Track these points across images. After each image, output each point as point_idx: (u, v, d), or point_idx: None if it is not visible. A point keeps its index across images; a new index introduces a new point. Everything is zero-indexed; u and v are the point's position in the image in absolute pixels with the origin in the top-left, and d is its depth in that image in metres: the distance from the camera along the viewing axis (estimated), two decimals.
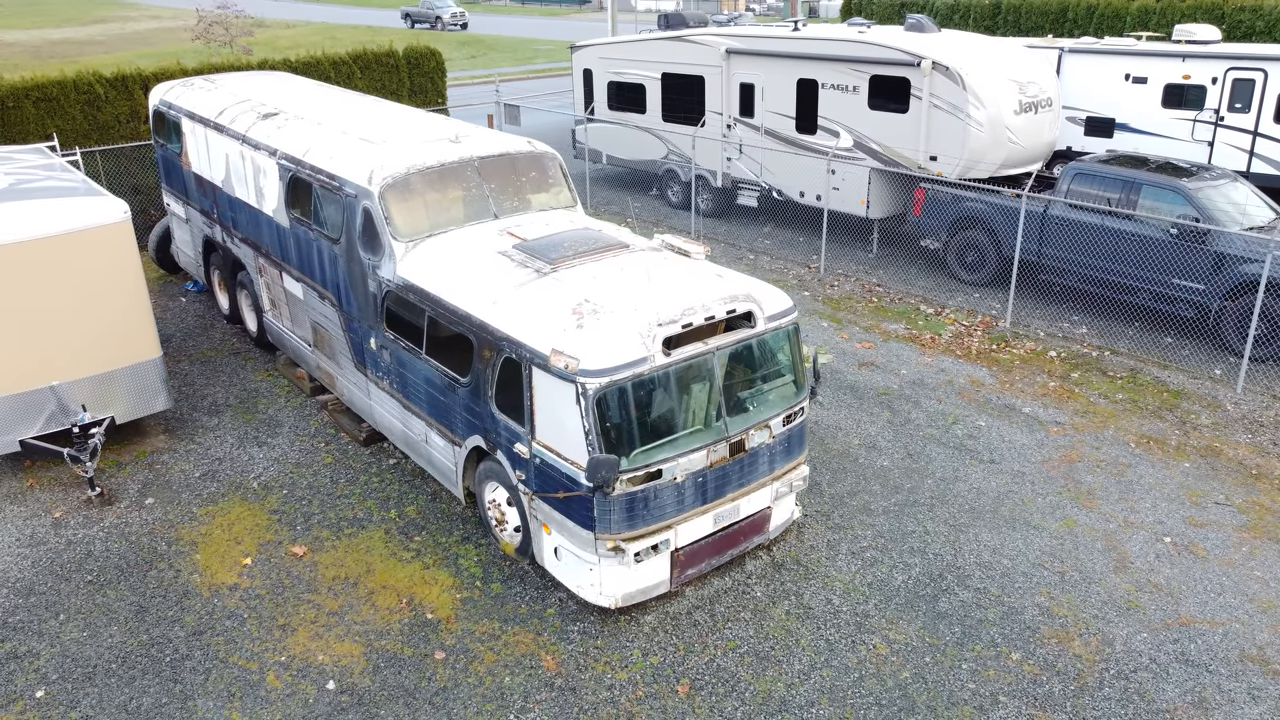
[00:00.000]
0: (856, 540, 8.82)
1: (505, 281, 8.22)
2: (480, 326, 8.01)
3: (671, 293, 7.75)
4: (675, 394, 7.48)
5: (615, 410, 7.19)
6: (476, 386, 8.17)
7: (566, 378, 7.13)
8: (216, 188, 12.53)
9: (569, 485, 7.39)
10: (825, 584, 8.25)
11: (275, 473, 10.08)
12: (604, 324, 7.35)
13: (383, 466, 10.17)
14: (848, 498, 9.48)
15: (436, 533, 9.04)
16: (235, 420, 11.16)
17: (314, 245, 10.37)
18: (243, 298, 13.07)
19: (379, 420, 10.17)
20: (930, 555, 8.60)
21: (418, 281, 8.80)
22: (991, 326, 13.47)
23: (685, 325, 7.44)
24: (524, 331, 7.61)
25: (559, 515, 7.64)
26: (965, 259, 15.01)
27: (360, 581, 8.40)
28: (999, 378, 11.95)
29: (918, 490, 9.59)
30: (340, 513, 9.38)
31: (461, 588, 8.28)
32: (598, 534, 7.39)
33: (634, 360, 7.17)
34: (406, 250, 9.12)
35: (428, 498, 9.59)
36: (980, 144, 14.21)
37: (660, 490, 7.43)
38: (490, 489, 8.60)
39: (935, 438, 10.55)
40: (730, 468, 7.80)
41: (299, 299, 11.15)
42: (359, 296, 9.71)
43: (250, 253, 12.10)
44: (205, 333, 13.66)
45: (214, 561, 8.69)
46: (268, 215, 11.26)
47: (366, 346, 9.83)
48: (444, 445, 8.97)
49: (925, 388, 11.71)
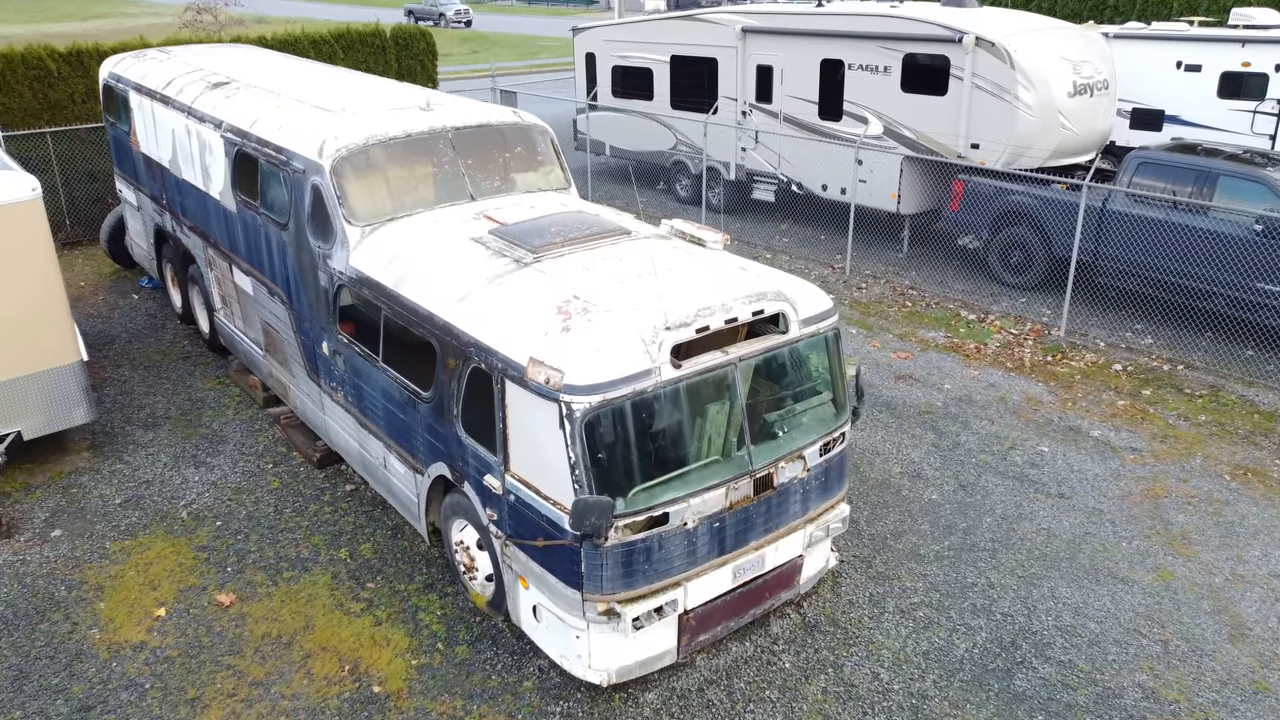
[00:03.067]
0: (905, 595, 7.22)
1: (477, 274, 6.65)
2: (444, 329, 6.44)
3: (683, 288, 6.17)
4: (686, 416, 5.89)
5: (610, 438, 5.60)
6: (440, 403, 6.60)
7: (548, 395, 5.55)
8: (164, 169, 10.98)
9: (550, 531, 5.81)
10: (870, 652, 6.65)
11: (210, 500, 8.51)
12: (597, 327, 5.78)
13: (337, 494, 8.60)
14: (891, 539, 7.88)
15: (394, 577, 7.46)
16: (173, 435, 9.60)
17: (262, 232, 8.81)
18: (195, 294, 11.51)
19: (335, 439, 8.60)
20: (998, 615, 6.99)
21: (373, 274, 7.23)
22: (1044, 335, 11.85)
23: (700, 329, 5.85)
24: (496, 336, 6.04)
25: (538, 567, 6.06)
26: (1009, 259, 13.39)
27: (295, 641, 6.82)
28: (1059, 394, 10.33)
29: (975, 531, 7.98)
30: (281, 551, 7.80)
31: (419, 650, 6.70)
32: (586, 594, 5.81)
33: (634, 373, 5.59)
34: (362, 236, 7.55)
35: (387, 533, 8.02)
36: (1029, 129, 12.60)
37: (666, 539, 5.84)
38: (458, 527, 7.02)
39: (991, 465, 8.94)
40: (755, 509, 6.21)
41: (249, 295, 9.59)
42: (310, 292, 8.15)
43: (199, 242, 10.55)
44: (154, 334, 12.09)
45: (120, 612, 7.11)
46: (215, 199, 9.70)
47: (319, 351, 8.27)
48: (405, 472, 7.40)
49: (974, 405, 10.11)
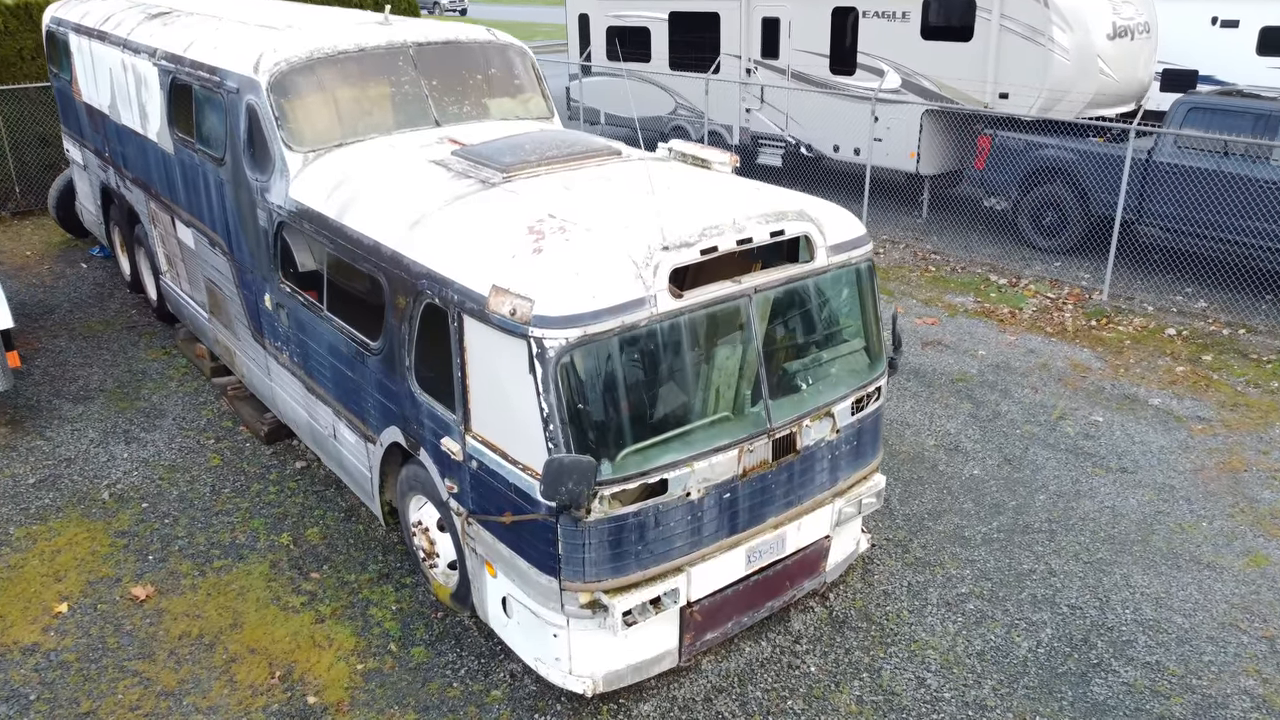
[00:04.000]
0: (950, 584, 6.06)
1: (433, 196, 5.49)
2: (392, 261, 5.28)
3: (685, 206, 5.01)
4: (689, 360, 4.73)
5: (592, 384, 4.44)
6: (391, 354, 5.44)
7: (514, 330, 4.39)
8: (105, 117, 9.82)
9: (520, 504, 4.65)
10: (912, 653, 5.49)
11: (138, 479, 7.35)
12: (576, 247, 4.62)
13: (286, 472, 7.44)
14: (930, 520, 6.71)
15: (344, 567, 6.30)
16: (106, 409, 8.43)
17: (200, 173, 7.65)
18: (141, 257, 10.35)
19: (282, 408, 7.44)
20: (1064, 608, 5.83)
21: (314, 204, 6.07)
22: (1084, 299, 10.68)
23: (706, 250, 4.69)
24: (452, 263, 4.88)
25: (506, 550, 4.90)
26: (1042, 220, 12.22)
27: (219, 642, 5.66)
28: (1109, 361, 9.16)
29: (1027, 510, 6.81)
30: (214, 536, 6.65)
31: (367, 653, 5.54)
32: (564, 581, 4.65)
33: (623, 303, 4.42)
34: (304, 164, 6.39)
35: (340, 516, 6.86)
36: (1065, 75, 11.43)
37: (664, 513, 4.67)
38: (415, 505, 5.87)
39: (1038, 437, 7.77)
40: (773, 478, 5.04)
41: (192, 250, 8.43)
42: (249, 237, 6.99)
43: (142, 196, 9.39)
44: (100, 303, 10.93)
45: (14, 609, 5.95)
46: (153, 143, 8.54)
47: (262, 306, 7.11)
48: (356, 442, 6.25)
49: (1013, 373, 8.94)
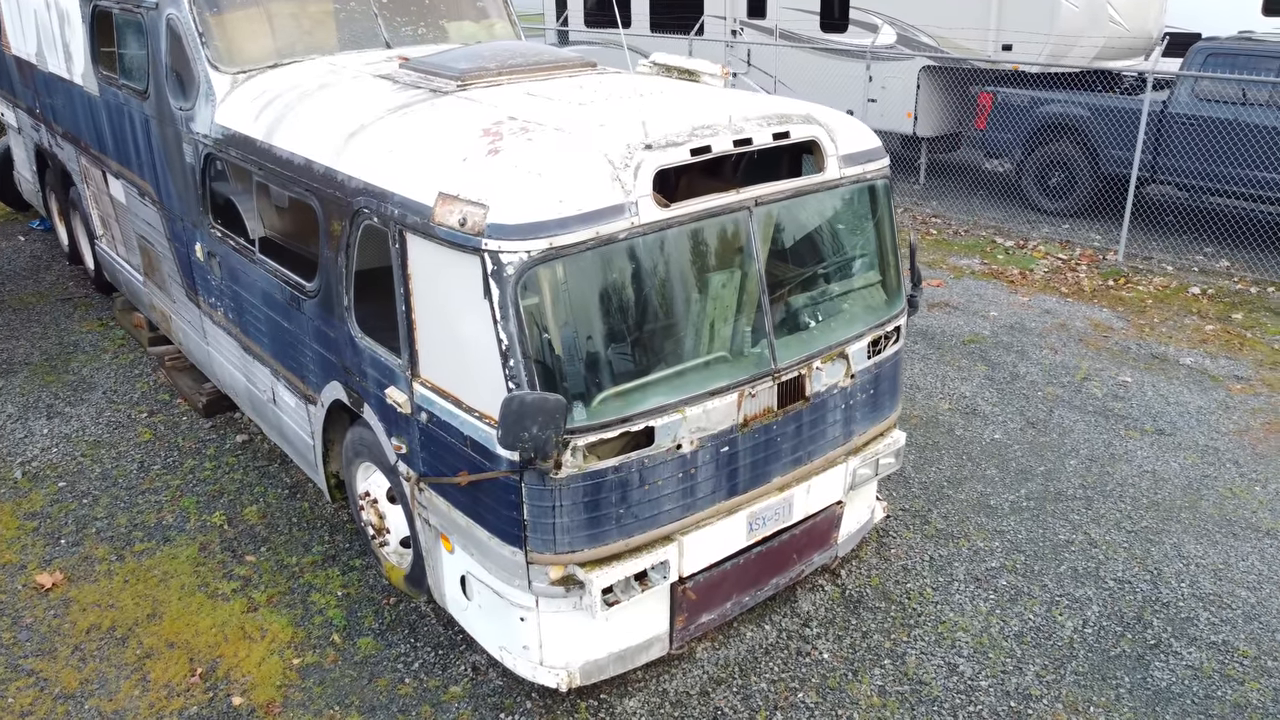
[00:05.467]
0: (978, 557, 5.30)
1: (375, 107, 4.68)
2: (325, 179, 4.47)
3: (674, 107, 4.23)
4: (678, 285, 3.94)
5: (560, 309, 3.65)
6: (327, 294, 4.63)
7: (465, 245, 3.59)
8: (33, 68, 8.95)
9: (477, 460, 3.85)
10: (940, 636, 4.72)
11: (58, 456, 6.51)
12: (540, 147, 3.82)
13: (225, 447, 6.61)
14: (949, 488, 5.96)
15: (283, 549, 5.48)
16: (29, 383, 7.58)
17: (124, 113, 6.81)
18: (77, 223, 9.49)
19: (219, 373, 6.60)
20: (1110, 582, 5.08)
21: (241, 128, 5.25)
22: (1098, 260, 9.96)
23: (698, 150, 3.89)
24: (391, 172, 4.07)
25: (463, 518, 4.10)
26: (1047, 181, 11.50)
27: (133, 635, 4.84)
28: (1131, 320, 8.43)
29: (1058, 475, 6.07)
30: (137, 517, 5.82)
31: (305, 645, 4.73)
32: (531, 552, 3.85)
33: (596, 209, 3.62)
34: (232, 86, 5.56)
35: (282, 493, 6.04)
36: (1074, 23, 10.71)
37: (651, 468, 3.88)
38: (363, 474, 5.06)
39: (1063, 399, 7.03)
40: (779, 428, 4.26)
41: (123, 206, 7.58)
42: (177, 177, 6.16)
43: (73, 152, 8.52)
44: (35, 276, 10.06)
45: None
46: (79, 86, 7.68)
47: (194, 259, 6.28)
48: (295, 404, 5.43)
49: (1029, 333, 8.20)
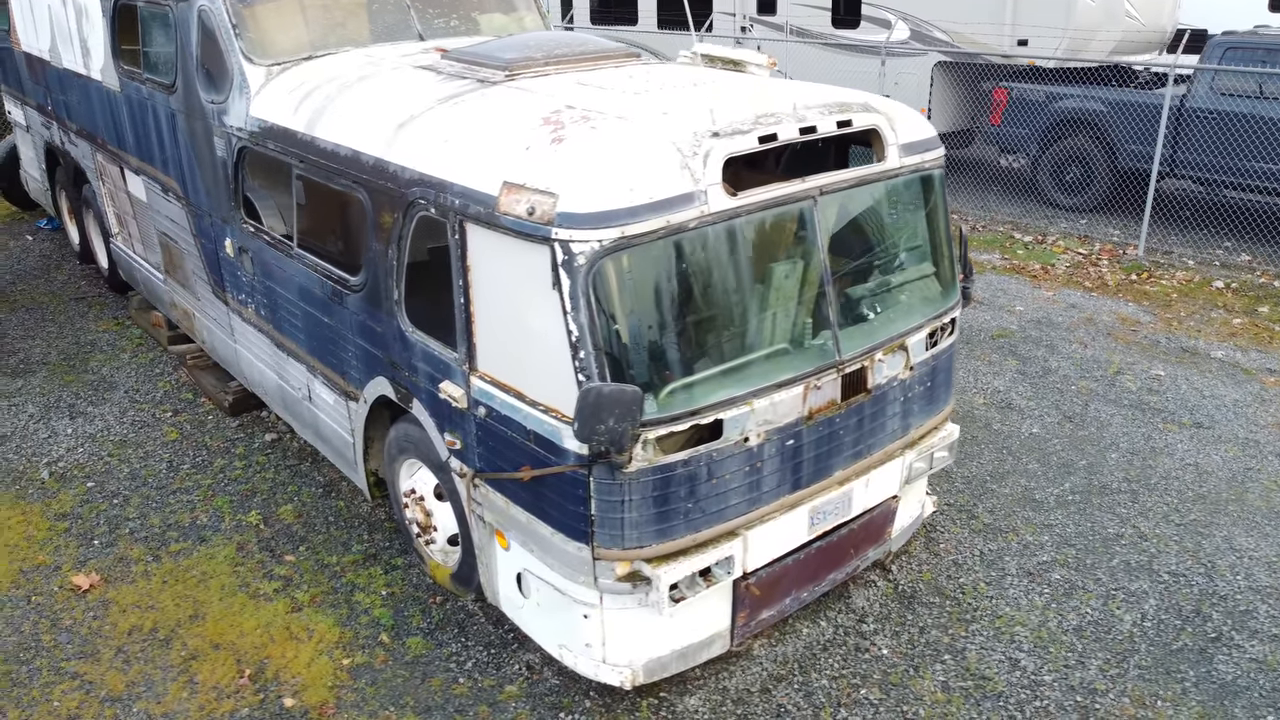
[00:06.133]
0: (1028, 552, 5.25)
1: (423, 97, 4.61)
2: (376, 170, 4.39)
3: (734, 95, 4.17)
4: (746, 276, 3.88)
5: (631, 299, 3.58)
6: (375, 288, 4.55)
7: (533, 234, 3.52)
8: (46, 64, 8.83)
9: (541, 455, 3.78)
10: (998, 631, 4.67)
11: (84, 456, 6.41)
12: (606, 135, 3.75)
13: (254, 445, 6.52)
14: (993, 482, 5.91)
15: (323, 548, 5.40)
16: (49, 383, 7.47)
17: (149, 108, 6.71)
18: (90, 222, 9.37)
19: (248, 372, 6.51)
20: (1164, 576, 5.04)
21: (279, 120, 5.16)
22: (1118, 255, 9.94)
23: (765, 138, 3.83)
24: (450, 163, 4.00)
25: (523, 514, 4.02)
26: (1064, 177, 11.48)
27: (177, 636, 4.75)
28: (1158, 314, 8.41)
29: (1100, 469, 6.03)
30: (170, 517, 5.72)
31: (353, 645, 4.65)
32: (598, 548, 3.78)
33: (667, 198, 3.56)
34: (267, 78, 5.48)
35: (317, 492, 5.95)
36: (1090, 18, 10.70)
37: (719, 462, 3.82)
38: (407, 471, 4.98)
39: (1097, 393, 6.99)
40: (841, 421, 4.21)
41: (143, 203, 7.48)
42: (206, 172, 6.07)
43: (88, 149, 8.41)
44: (46, 275, 9.94)
45: None
46: (97, 83, 7.58)
47: (223, 255, 6.19)
48: (334, 401, 5.35)
49: (1057, 328, 8.16)
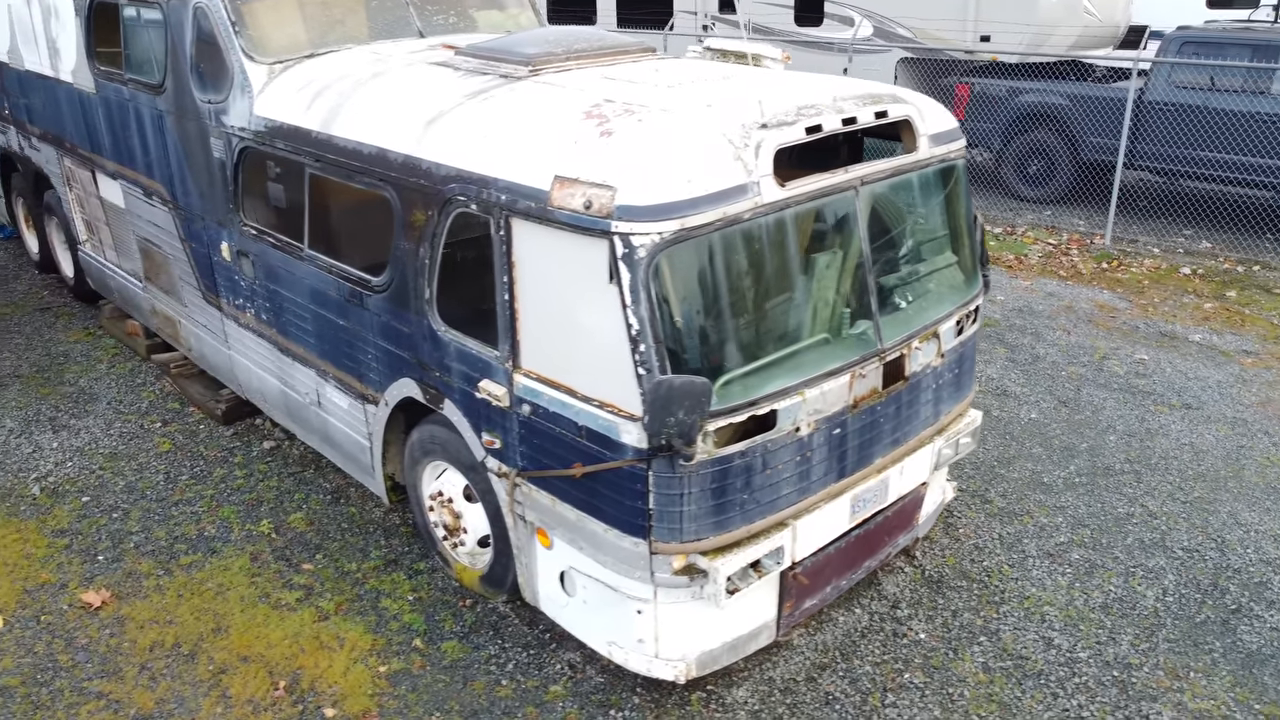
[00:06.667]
0: (1045, 533, 5.36)
1: (448, 93, 4.54)
2: (405, 168, 4.32)
3: (768, 88, 4.18)
4: (794, 266, 3.91)
5: (689, 292, 3.58)
6: (402, 289, 4.47)
7: (589, 227, 3.49)
8: (3, 66, 8.52)
9: (595, 451, 3.75)
10: (1029, 611, 4.76)
11: (74, 470, 6.19)
12: (654, 128, 3.74)
13: (252, 454, 6.36)
14: (1000, 467, 6.02)
15: (340, 555, 5.29)
16: (24, 396, 7.20)
17: (129, 110, 6.51)
18: (53, 229, 9.05)
19: (244, 380, 6.35)
20: (1178, 552, 5.18)
21: (289, 118, 5.05)
22: (1086, 244, 10.20)
23: (811, 129, 3.85)
24: (491, 157, 3.95)
25: (572, 511, 3.99)
26: (1027, 170, 11.74)
27: (201, 650, 4.61)
28: (1133, 301, 8.65)
29: (1101, 451, 6.18)
30: (176, 529, 5.56)
31: (388, 652, 4.57)
32: (656, 542, 3.76)
33: (722, 190, 3.56)
34: (270, 76, 5.35)
35: (324, 499, 5.83)
36: (1052, 15, 10.95)
37: (773, 453, 3.83)
38: (431, 474, 4.90)
39: (1087, 378, 7.17)
40: (882, 409, 4.25)
41: (120, 209, 7.24)
42: (199, 175, 5.90)
43: (53, 154, 8.12)
44: (3, 286, 9.57)
45: None
46: (67, 84, 7.33)
47: (217, 260, 6.03)
48: (348, 406, 5.24)
49: (1038, 316, 8.35)
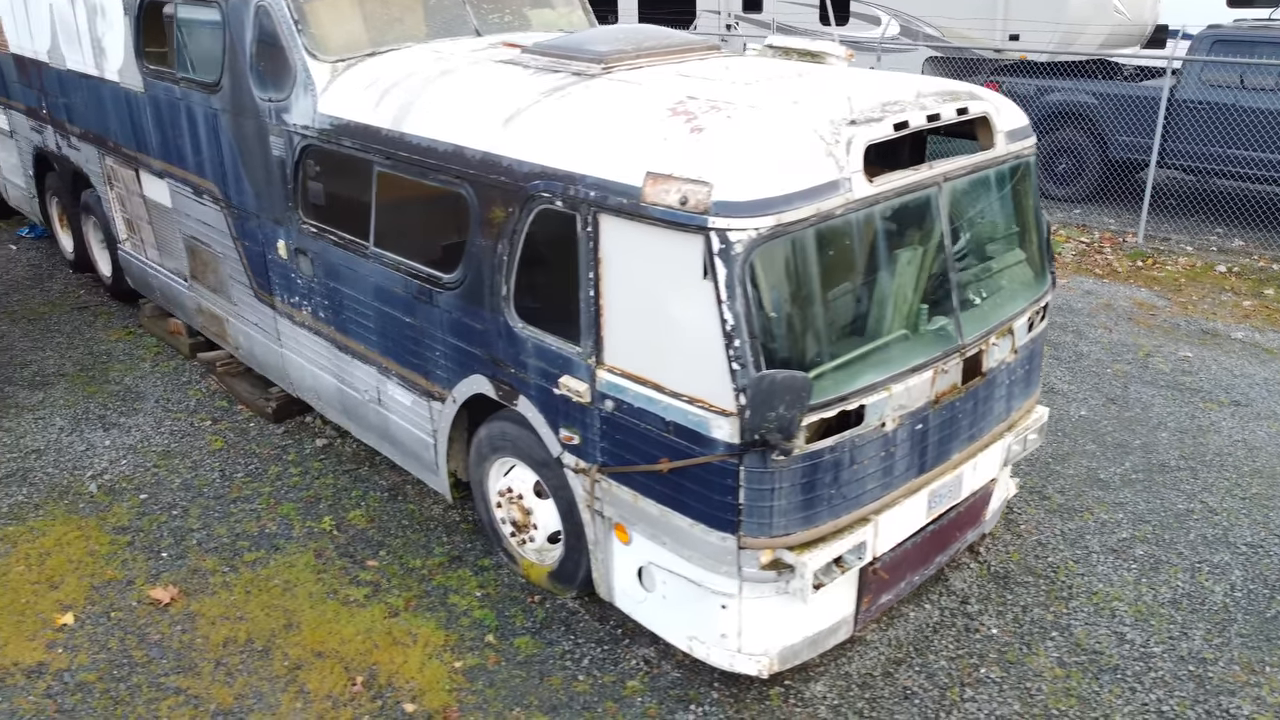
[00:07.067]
0: (1106, 529, 5.38)
1: (523, 91, 4.56)
2: (484, 165, 4.34)
3: (847, 88, 4.20)
4: (882, 262, 3.92)
5: (783, 287, 3.59)
6: (476, 285, 4.49)
7: (685, 223, 3.51)
8: (43, 65, 8.52)
9: (683, 446, 3.76)
10: (1098, 606, 4.78)
11: (128, 468, 6.21)
12: (745, 124, 3.75)
13: (305, 451, 6.38)
14: (1056, 464, 6.04)
15: (404, 551, 5.31)
16: (71, 394, 7.22)
17: (181, 109, 6.53)
18: (90, 229, 9.07)
19: (296, 378, 6.37)
20: (1242, 547, 5.20)
21: (356, 116, 5.06)
22: (1118, 243, 10.22)
23: (899, 125, 3.87)
24: (576, 154, 3.96)
25: (655, 507, 4.00)
26: (1055, 168, 11.76)
27: (275, 646, 4.63)
28: (1171, 298, 8.67)
29: (1155, 448, 6.19)
30: (237, 526, 5.58)
31: (461, 647, 4.58)
32: (744, 537, 3.78)
33: (818, 185, 3.58)
34: (333, 75, 5.37)
35: (382, 496, 5.85)
36: (1082, 13, 10.98)
37: (860, 448, 3.85)
38: (498, 470, 4.92)
39: (1133, 375, 7.18)
40: (961, 405, 4.27)
41: (165, 208, 7.26)
42: (256, 174, 5.92)
43: (94, 153, 8.14)
44: (39, 285, 9.60)
45: (4, 624, 4.81)
46: (113, 83, 7.34)
47: (272, 258, 6.04)
48: (411, 403, 5.26)
49: (1078, 314, 8.36)
